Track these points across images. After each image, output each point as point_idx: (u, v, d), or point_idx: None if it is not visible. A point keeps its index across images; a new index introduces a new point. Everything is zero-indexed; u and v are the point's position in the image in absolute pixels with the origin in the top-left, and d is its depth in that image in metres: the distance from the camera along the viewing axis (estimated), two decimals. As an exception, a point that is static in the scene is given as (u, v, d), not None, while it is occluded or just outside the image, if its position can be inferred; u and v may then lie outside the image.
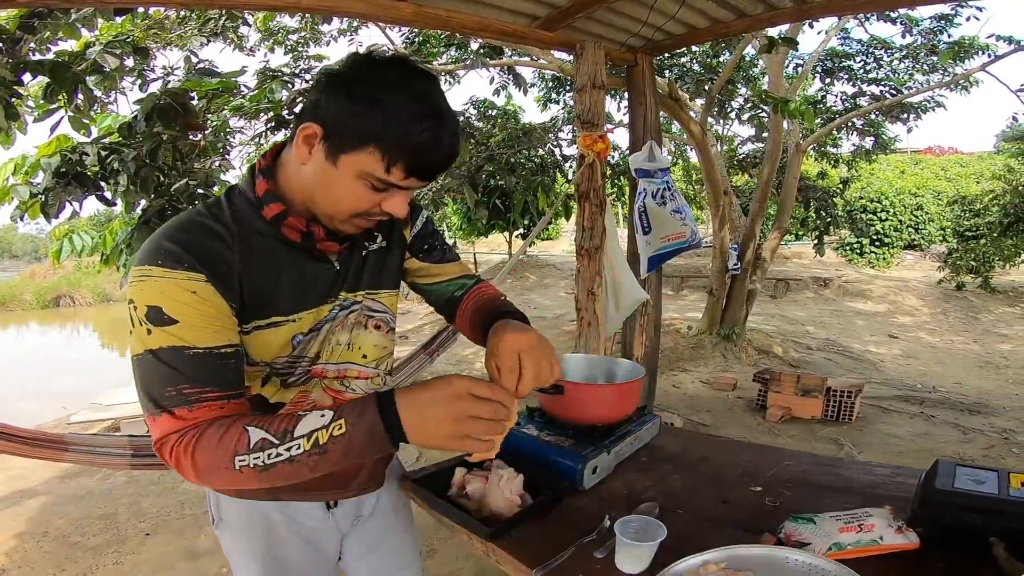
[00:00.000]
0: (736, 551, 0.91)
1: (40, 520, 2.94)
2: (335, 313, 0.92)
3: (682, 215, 2.84)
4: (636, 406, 1.34)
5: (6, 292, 15.46)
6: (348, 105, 0.74)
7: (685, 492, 1.18)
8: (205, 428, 0.73)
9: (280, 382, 0.90)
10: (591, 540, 0.98)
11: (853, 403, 4.26)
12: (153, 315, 0.73)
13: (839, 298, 10.81)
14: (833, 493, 1.19)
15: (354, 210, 0.81)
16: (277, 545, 0.99)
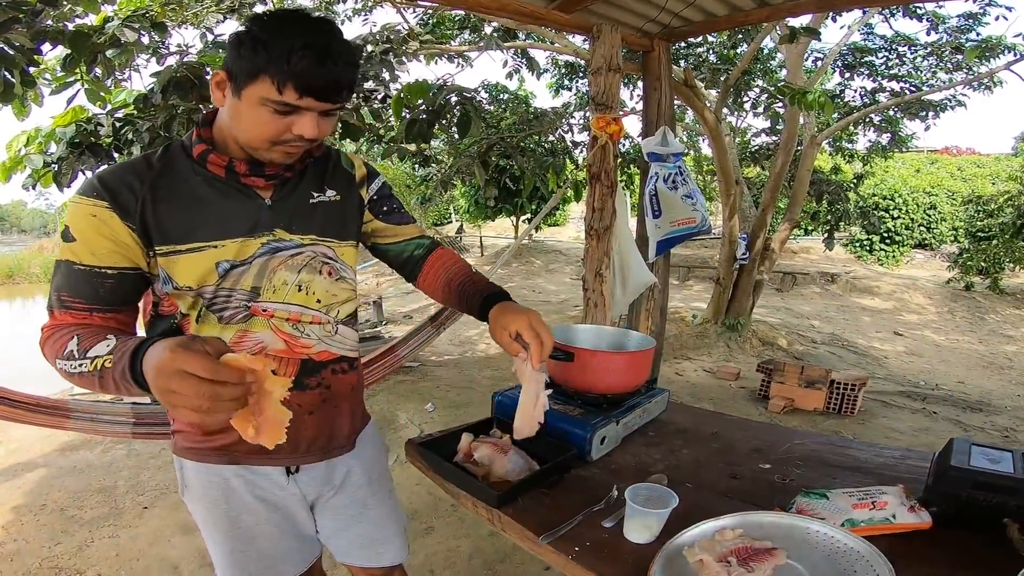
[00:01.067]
0: (751, 517, 0.90)
1: (38, 493, 2.93)
2: (269, 248, 0.96)
3: (693, 200, 2.81)
4: (647, 377, 1.33)
5: (14, 265, 15.58)
6: (241, 50, 0.84)
7: (694, 466, 1.18)
8: (63, 329, 0.86)
9: (216, 318, 0.94)
10: (599, 509, 0.97)
11: (856, 397, 4.25)
12: (65, 233, 0.89)
13: (846, 294, 10.75)
14: (843, 471, 1.18)
15: (266, 135, 0.88)
16: (240, 513, 1.01)
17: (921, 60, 6.20)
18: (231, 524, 1.00)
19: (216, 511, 1.00)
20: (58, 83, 3.10)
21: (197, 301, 0.93)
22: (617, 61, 2.61)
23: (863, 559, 0.80)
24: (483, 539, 2.42)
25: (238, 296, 0.94)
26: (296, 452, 1.02)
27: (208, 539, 1.04)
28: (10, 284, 14.75)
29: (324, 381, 1.02)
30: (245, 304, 0.95)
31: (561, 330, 1.37)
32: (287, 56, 0.82)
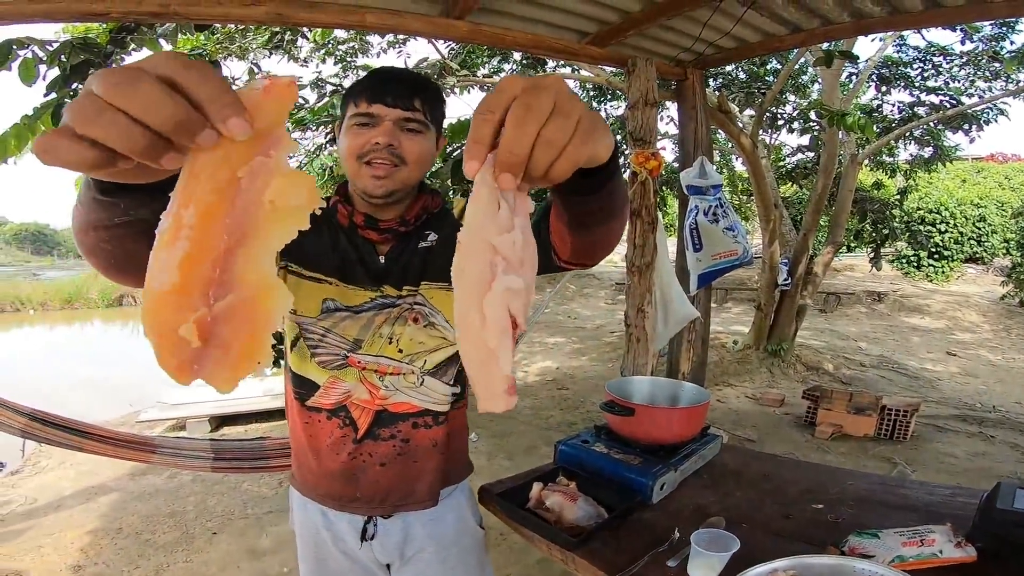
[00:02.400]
0: (804, 560, 0.96)
1: (112, 517, 3.06)
2: (377, 304, 0.99)
3: (734, 232, 2.85)
4: (702, 427, 1.40)
5: (73, 290, 16.40)
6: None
7: (748, 507, 1.23)
8: None
9: (310, 354, 0.98)
10: (663, 551, 1.04)
11: (908, 422, 4.14)
12: None
13: (894, 313, 10.40)
14: (894, 511, 1.22)
15: (354, 149, 0.94)
16: (327, 558, 1.07)
17: (958, 70, 6.07)
18: (319, 565, 1.08)
19: (307, 550, 1.09)
20: None
21: (295, 327, 0.98)
22: (653, 95, 2.68)
23: None
24: (531, 567, 2.47)
25: (336, 341, 0.98)
26: (369, 503, 1.02)
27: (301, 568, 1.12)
28: (69, 309, 15.57)
29: (401, 434, 1.00)
30: (344, 353, 0.98)
31: (618, 384, 1.46)
32: (362, 79, 0.97)
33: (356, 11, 2.07)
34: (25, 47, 2.45)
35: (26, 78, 2.44)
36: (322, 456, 1.00)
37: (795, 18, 2.49)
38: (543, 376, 6.34)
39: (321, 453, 1.00)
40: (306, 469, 1.04)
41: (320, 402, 1.00)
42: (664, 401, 1.46)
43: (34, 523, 3.02)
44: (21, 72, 2.44)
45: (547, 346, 8.03)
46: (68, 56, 2.48)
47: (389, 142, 0.92)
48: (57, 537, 2.83)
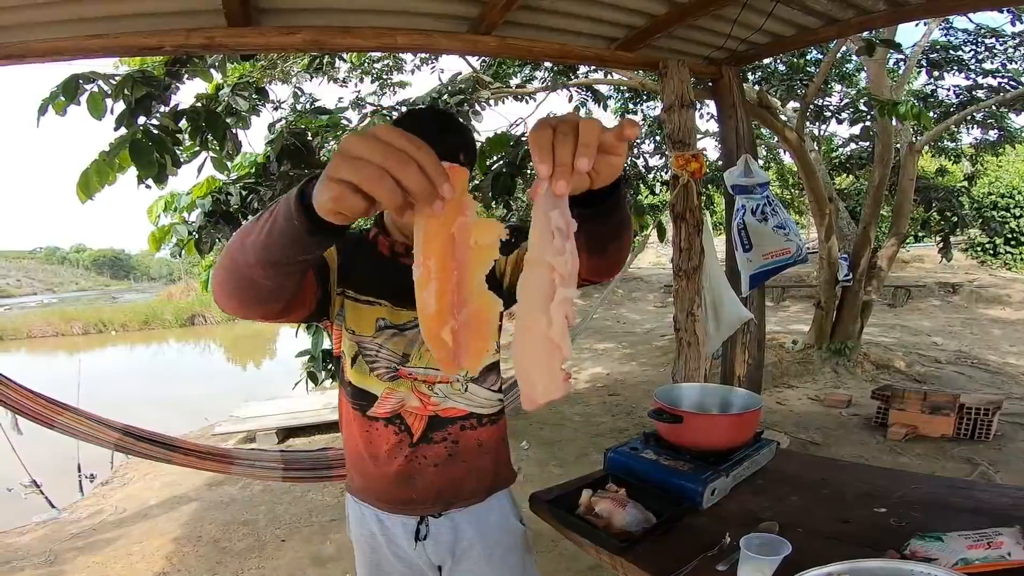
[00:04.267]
0: (860, 564, 0.93)
1: (193, 525, 3.25)
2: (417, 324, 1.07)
3: (786, 231, 2.77)
4: (754, 433, 1.38)
5: (149, 312, 17.60)
6: None
7: (803, 512, 1.20)
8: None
9: (369, 368, 1.08)
10: (713, 555, 1.04)
11: (990, 421, 3.87)
12: None
13: (971, 305, 9.75)
14: (961, 514, 1.16)
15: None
16: (381, 561, 1.14)
17: (1013, 51, 5.71)
18: (375, 570, 1.15)
19: (364, 556, 1.16)
20: (189, 153, 3.47)
21: (354, 346, 1.07)
22: (689, 96, 2.64)
23: None
24: (583, 573, 2.47)
25: (387, 356, 1.07)
26: (423, 503, 1.09)
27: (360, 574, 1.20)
28: (147, 330, 16.67)
29: (451, 436, 1.09)
30: (395, 366, 1.07)
31: (666, 391, 1.46)
32: (407, 124, 1.01)
33: (387, 33, 2.15)
34: (91, 82, 2.60)
35: (95, 112, 2.61)
36: (380, 461, 1.08)
37: (828, 9, 2.40)
38: (593, 383, 6.30)
39: (379, 459, 1.08)
40: (364, 475, 1.12)
41: (378, 412, 1.08)
42: (714, 408, 1.45)
43: (123, 532, 3.25)
44: (90, 106, 2.61)
45: (597, 352, 7.97)
46: (131, 90, 2.64)
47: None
48: (144, 545, 3.03)
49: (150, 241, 3.75)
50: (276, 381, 6.51)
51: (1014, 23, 5.40)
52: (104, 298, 27.44)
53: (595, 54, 2.63)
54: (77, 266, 51.08)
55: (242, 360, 12.65)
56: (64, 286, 41.07)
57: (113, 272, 51.42)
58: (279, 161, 3.48)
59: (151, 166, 2.64)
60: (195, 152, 3.47)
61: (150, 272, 51.86)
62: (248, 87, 3.52)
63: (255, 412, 5.07)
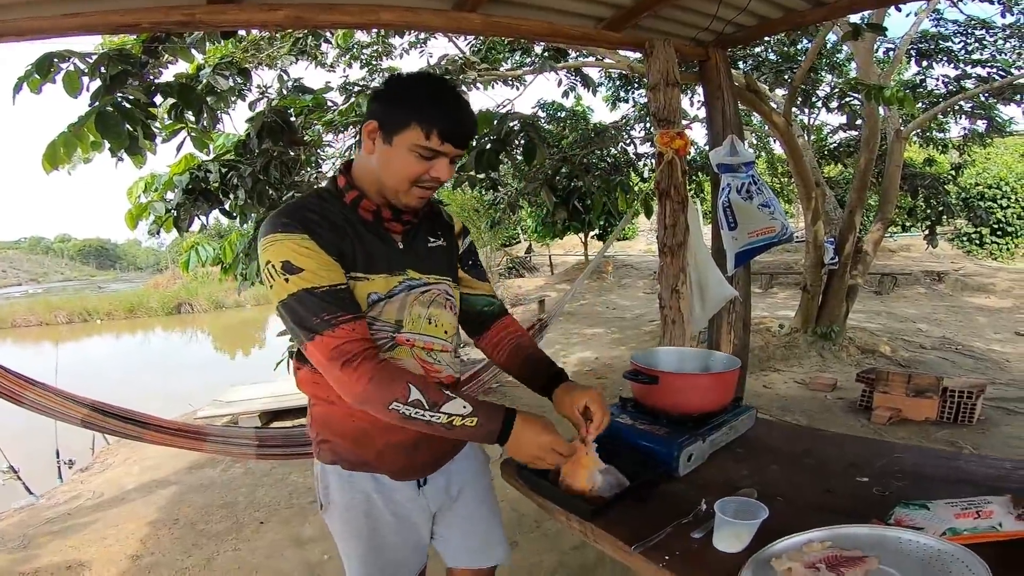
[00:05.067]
0: (841, 530, 0.90)
1: (170, 508, 3.22)
2: (405, 286, 1.11)
3: (770, 209, 2.74)
4: (732, 397, 1.34)
5: (135, 300, 17.43)
6: (392, 102, 1.03)
7: (785, 481, 1.17)
8: (378, 371, 0.97)
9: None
10: (688, 522, 1.01)
11: (974, 404, 3.89)
12: (286, 267, 0.98)
13: (956, 293, 9.85)
14: (948, 484, 1.13)
15: (410, 176, 1.04)
16: (377, 525, 1.14)
17: (1003, 43, 5.73)
18: (370, 534, 1.13)
19: (356, 523, 1.14)
20: (168, 131, 3.40)
21: None
22: (674, 75, 2.61)
23: (959, 562, 0.79)
24: (566, 554, 2.45)
25: (383, 327, 1.08)
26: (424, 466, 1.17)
27: (344, 548, 1.17)
28: (132, 318, 16.50)
29: None
30: (391, 335, 1.09)
31: (644, 354, 1.42)
32: (436, 108, 1.01)
33: (371, 10, 2.09)
34: (66, 60, 2.55)
35: (71, 90, 2.55)
36: (390, 432, 1.09)
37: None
38: (581, 366, 6.30)
39: (390, 430, 1.08)
40: (366, 447, 1.12)
41: None
42: (692, 369, 1.41)
43: (99, 516, 3.20)
44: (66, 84, 2.55)
45: (586, 336, 7.98)
46: (108, 68, 2.60)
47: (445, 179, 1.06)
48: (119, 529, 2.99)
49: (127, 218, 3.66)
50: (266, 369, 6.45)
51: (1004, 15, 5.40)
52: (90, 288, 27.12)
53: (582, 33, 2.58)
54: (62, 256, 50.47)
55: (230, 348, 12.55)
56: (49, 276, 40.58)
57: (99, 262, 50.84)
58: (259, 138, 3.40)
59: (120, 137, 2.55)
60: (174, 131, 3.40)
61: (137, 262, 51.39)
62: (230, 67, 3.43)
63: (239, 396, 5.01)
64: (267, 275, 1.00)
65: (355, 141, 4.62)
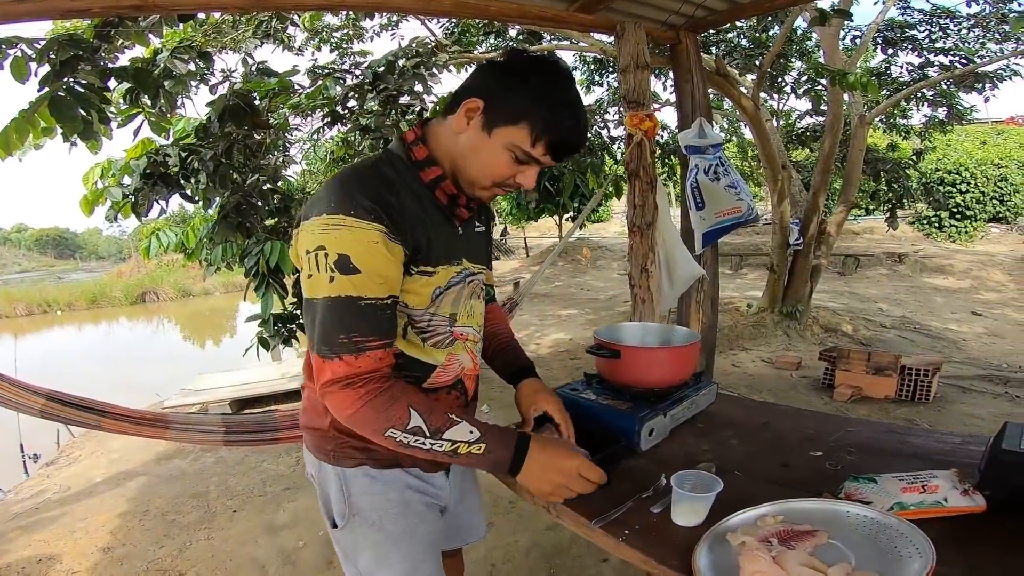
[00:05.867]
0: (793, 504, 0.93)
1: (140, 500, 3.17)
2: (463, 276, 1.01)
3: (737, 190, 2.79)
4: (693, 371, 1.37)
5: (97, 290, 16.84)
6: (507, 87, 0.89)
7: (743, 456, 1.20)
8: (378, 392, 0.86)
9: (421, 340, 0.98)
10: (648, 496, 1.03)
11: (930, 382, 4.05)
12: (341, 263, 0.83)
13: (916, 274, 10.20)
14: (898, 459, 1.17)
15: (496, 177, 0.93)
16: (416, 524, 1.04)
17: (966, 32, 5.91)
18: (411, 531, 1.02)
19: (393, 525, 1.01)
20: (124, 116, 3.31)
21: (403, 317, 0.96)
22: (645, 58, 2.62)
23: (903, 536, 0.82)
24: (540, 534, 2.49)
25: (439, 321, 0.98)
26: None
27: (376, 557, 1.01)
28: (95, 308, 15.98)
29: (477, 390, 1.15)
30: (448, 330, 1.00)
31: (608, 329, 1.43)
32: (555, 115, 0.88)
33: (336, -9, 2.04)
34: (14, 46, 2.47)
35: (18, 76, 2.48)
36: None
37: (786, -26, 2.40)
38: (556, 348, 6.36)
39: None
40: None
41: (438, 380, 1.03)
42: (653, 344, 1.43)
43: (67, 510, 3.14)
44: (13, 70, 2.48)
45: (560, 318, 8.05)
46: (57, 53, 2.52)
47: (529, 188, 0.96)
48: (89, 522, 2.94)
49: (82, 205, 3.53)
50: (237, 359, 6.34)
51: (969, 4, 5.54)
52: (49, 278, 26.11)
53: (553, 15, 2.56)
54: (19, 246, 48.43)
55: (199, 337, 12.28)
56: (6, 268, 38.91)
57: (58, 252, 48.99)
58: (221, 121, 3.30)
59: (74, 121, 2.48)
60: (131, 115, 3.28)
61: (98, 251, 49.69)
62: (189, 51, 3.30)
63: (208, 385, 4.92)
64: (309, 261, 0.85)
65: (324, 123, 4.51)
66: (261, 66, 4.11)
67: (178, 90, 3.20)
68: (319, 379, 0.88)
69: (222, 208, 3.25)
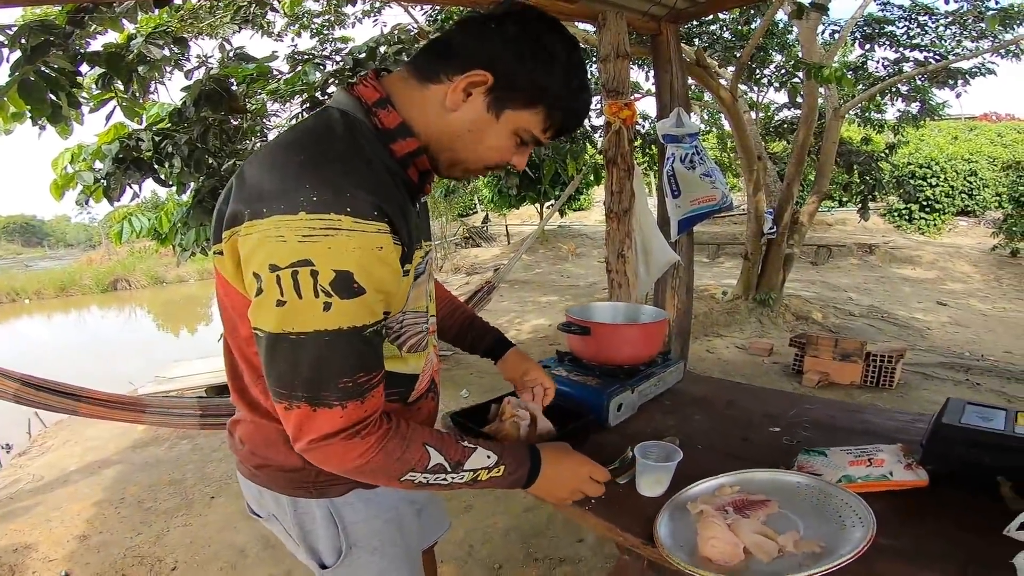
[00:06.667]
0: (748, 475, 0.99)
1: (116, 488, 3.13)
2: (425, 262, 0.85)
3: (711, 178, 2.85)
4: (660, 348, 1.42)
5: (66, 278, 16.35)
6: (525, 61, 0.72)
7: (707, 430, 1.26)
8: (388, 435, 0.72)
9: (398, 348, 0.83)
10: (614, 468, 1.08)
11: (894, 369, 4.18)
12: (340, 283, 0.63)
13: (885, 265, 10.46)
14: (851, 434, 1.23)
15: (497, 161, 0.80)
16: (409, 542, 0.98)
17: (944, 29, 6.06)
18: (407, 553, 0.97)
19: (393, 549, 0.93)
20: (95, 101, 3.25)
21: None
22: (625, 48, 2.65)
23: (848, 506, 0.88)
24: (518, 516, 2.54)
25: (412, 319, 0.83)
26: None
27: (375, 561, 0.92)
28: (64, 296, 15.57)
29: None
30: (424, 327, 0.86)
31: (580, 308, 1.48)
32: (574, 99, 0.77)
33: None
34: None
35: None
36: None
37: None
38: (536, 333, 6.41)
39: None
40: None
41: (420, 390, 0.91)
42: (622, 322, 1.49)
43: (41, 499, 3.09)
44: None
45: (540, 304, 8.11)
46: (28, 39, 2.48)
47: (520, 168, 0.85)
48: (64, 510, 2.90)
49: (52, 189, 3.45)
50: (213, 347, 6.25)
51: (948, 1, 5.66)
52: (16, 266, 25.30)
53: (537, 2, 2.56)
54: (-16, 234, 46.75)
55: (173, 326, 12.06)
56: (-28, 256, 37.51)
57: (25, 239, 47.47)
58: (196, 106, 3.25)
59: (43, 104, 2.45)
60: (103, 100, 3.21)
61: (67, 238, 48.25)
62: (164, 36, 3.24)
63: (182, 372, 4.86)
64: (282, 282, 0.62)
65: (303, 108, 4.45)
66: (239, 52, 4.04)
67: (152, 75, 3.15)
68: (305, 434, 0.68)
69: (197, 192, 3.22)
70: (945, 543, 0.83)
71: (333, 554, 0.89)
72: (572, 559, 2.20)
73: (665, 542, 0.85)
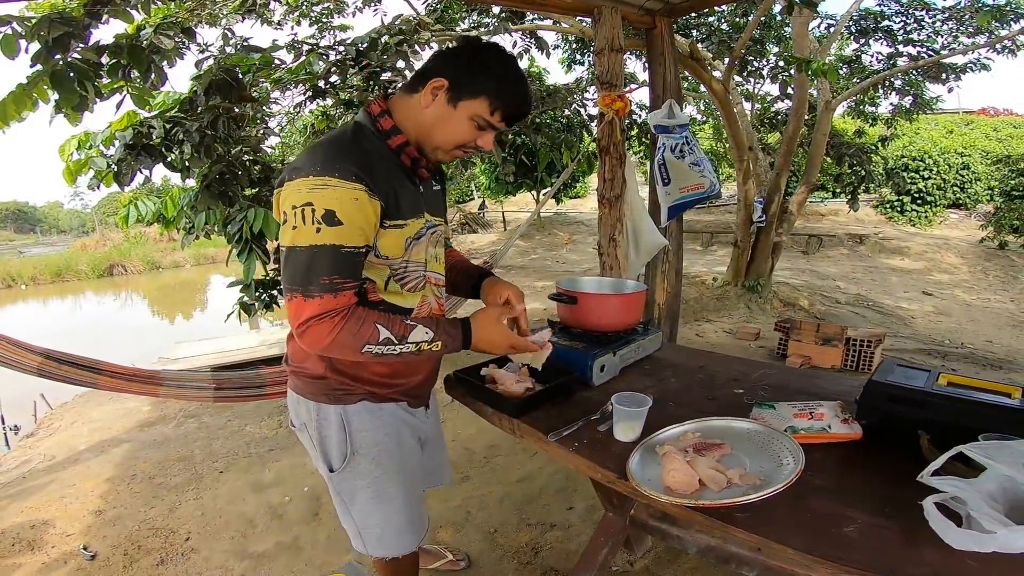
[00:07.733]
0: (708, 422, 1.16)
1: (126, 465, 3.22)
2: (426, 228, 1.16)
3: (700, 167, 2.98)
4: (639, 317, 1.59)
5: (62, 264, 16.28)
6: (469, 68, 1.07)
7: (681, 391, 1.42)
8: (348, 318, 1.01)
9: (400, 286, 1.14)
10: (595, 418, 1.24)
11: (872, 353, 4.33)
12: (327, 216, 0.97)
13: (875, 255, 10.63)
14: (803, 395, 1.37)
15: (460, 141, 1.11)
16: (406, 456, 1.24)
17: (940, 24, 6.14)
18: (404, 462, 1.23)
19: (390, 456, 1.20)
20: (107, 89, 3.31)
21: (384, 271, 1.11)
22: (619, 41, 2.75)
23: (785, 448, 1.05)
24: (513, 485, 2.68)
25: (413, 268, 1.15)
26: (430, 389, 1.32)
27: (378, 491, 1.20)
28: (60, 282, 15.57)
29: None
30: (422, 274, 1.17)
31: (568, 280, 1.64)
32: (508, 90, 1.07)
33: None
34: (6, 23, 2.52)
35: (8, 52, 2.53)
36: (416, 366, 1.23)
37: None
38: (531, 317, 6.50)
39: (420, 363, 1.22)
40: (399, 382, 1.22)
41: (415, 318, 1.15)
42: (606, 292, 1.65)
43: (54, 477, 3.16)
44: (3, 47, 2.52)
45: (536, 289, 8.24)
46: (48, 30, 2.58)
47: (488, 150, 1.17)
48: (77, 487, 2.98)
49: (65, 174, 3.55)
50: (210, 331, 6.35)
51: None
52: (10, 252, 25.20)
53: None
54: (-24, 221, 46.39)
55: (170, 312, 12.13)
56: (-36, 243, 37.24)
57: (18, 226, 47.17)
58: (207, 95, 3.35)
59: (73, 94, 2.57)
60: (113, 89, 3.30)
61: (60, 225, 47.94)
62: (173, 27, 3.33)
63: (186, 353, 4.99)
64: (295, 215, 0.98)
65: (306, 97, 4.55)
66: (246, 43, 4.14)
67: (163, 62, 3.24)
68: (298, 319, 1.00)
69: (204, 177, 3.33)
70: (867, 485, 0.98)
71: (340, 458, 1.18)
72: (562, 524, 2.34)
73: (636, 476, 1.01)
